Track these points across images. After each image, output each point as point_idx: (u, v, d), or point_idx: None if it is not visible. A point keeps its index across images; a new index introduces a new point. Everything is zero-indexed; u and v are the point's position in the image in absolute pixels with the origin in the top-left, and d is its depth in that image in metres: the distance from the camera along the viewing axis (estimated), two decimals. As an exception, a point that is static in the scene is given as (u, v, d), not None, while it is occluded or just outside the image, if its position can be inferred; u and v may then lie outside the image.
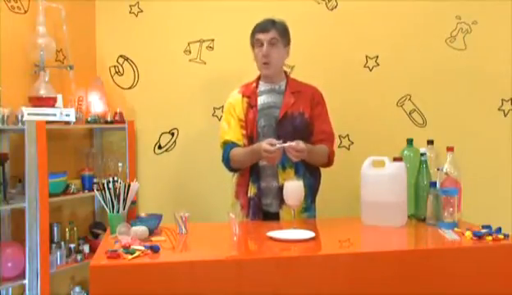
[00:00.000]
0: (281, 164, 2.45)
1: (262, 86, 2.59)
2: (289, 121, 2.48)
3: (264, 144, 2.28)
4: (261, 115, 2.51)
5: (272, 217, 2.48)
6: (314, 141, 2.50)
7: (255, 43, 2.54)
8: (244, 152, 2.47)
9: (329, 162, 2.56)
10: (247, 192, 2.52)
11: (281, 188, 2.30)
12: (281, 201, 2.35)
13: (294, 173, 2.44)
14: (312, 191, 2.55)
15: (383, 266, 1.83)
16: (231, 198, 2.60)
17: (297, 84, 2.59)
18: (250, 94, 2.56)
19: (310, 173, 2.53)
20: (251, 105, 2.54)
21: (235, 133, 2.52)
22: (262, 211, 2.52)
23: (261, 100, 2.55)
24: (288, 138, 2.32)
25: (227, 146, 2.53)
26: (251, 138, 2.50)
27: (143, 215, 2.27)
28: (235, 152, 2.50)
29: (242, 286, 1.75)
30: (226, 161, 2.54)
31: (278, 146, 2.26)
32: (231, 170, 2.57)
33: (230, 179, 2.64)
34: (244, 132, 2.51)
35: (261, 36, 2.51)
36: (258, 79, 2.61)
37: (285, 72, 2.65)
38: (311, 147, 2.38)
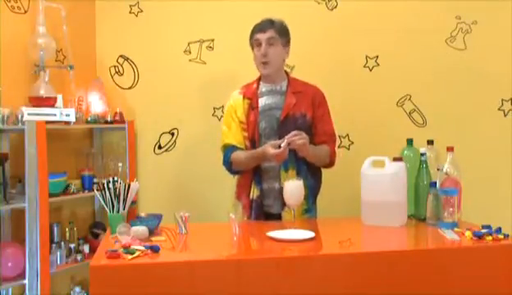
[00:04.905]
0: (283, 165, 2.45)
1: (263, 87, 2.58)
2: (291, 122, 2.46)
3: (271, 150, 2.29)
4: (262, 117, 2.51)
5: (273, 219, 2.48)
6: (317, 142, 2.50)
7: (254, 43, 2.53)
8: (246, 155, 2.47)
9: (330, 163, 2.56)
10: (249, 194, 2.51)
11: (282, 190, 2.27)
12: (283, 202, 2.34)
13: (296, 174, 2.43)
14: (313, 192, 2.55)
15: (383, 266, 1.83)
16: (232, 199, 2.60)
17: (298, 84, 2.58)
18: (251, 96, 2.55)
19: (312, 174, 2.52)
20: (252, 106, 2.53)
21: (235, 136, 2.52)
22: (264, 213, 2.51)
23: (262, 101, 2.54)
24: None
25: (228, 149, 2.53)
26: (253, 140, 2.49)
27: (143, 215, 2.27)
28: (237, 155, 2.49)
29: (242, 286, 1.75)
30: (228, 164, 2.54)
31: (283, 145, 2.27)
32: (232, 172, 2.57)
33: (230, 179, 2.64)
34: (246, 134, 2.50)
35: (259, 36, 2.50)
36: (259, 79, 2.60)
37: (286, 72, 2.63)
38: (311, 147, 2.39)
